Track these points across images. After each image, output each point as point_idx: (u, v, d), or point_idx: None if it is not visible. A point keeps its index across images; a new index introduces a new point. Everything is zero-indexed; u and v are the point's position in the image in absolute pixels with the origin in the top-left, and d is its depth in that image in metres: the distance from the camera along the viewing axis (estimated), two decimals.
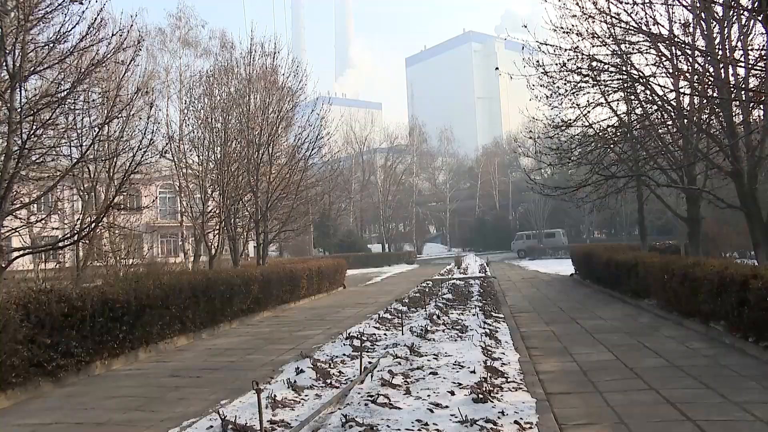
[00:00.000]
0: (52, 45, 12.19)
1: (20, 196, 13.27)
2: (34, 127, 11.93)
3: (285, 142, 30.50)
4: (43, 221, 15.30)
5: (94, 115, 18.28)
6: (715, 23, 15.45)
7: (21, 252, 13.28)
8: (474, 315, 15.69)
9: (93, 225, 14.20)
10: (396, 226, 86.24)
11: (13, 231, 13.43)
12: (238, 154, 26.53)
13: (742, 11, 13.95)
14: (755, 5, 10.17)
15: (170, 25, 40.38)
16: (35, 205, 14.82)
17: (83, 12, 12.28)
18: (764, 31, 13.68)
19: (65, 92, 12.70)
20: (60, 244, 14.05)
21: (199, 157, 27.94)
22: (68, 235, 14.13)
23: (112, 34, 14.15)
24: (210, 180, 27.35)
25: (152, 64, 36.93)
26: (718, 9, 14.85)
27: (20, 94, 11.96)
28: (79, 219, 19.91)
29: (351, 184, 76.92)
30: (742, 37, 15.21)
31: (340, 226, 72.74)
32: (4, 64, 11.49)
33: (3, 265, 12.20)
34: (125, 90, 19.91)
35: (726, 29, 15.29)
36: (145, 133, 15.29)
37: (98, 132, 15.51)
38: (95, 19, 13.01)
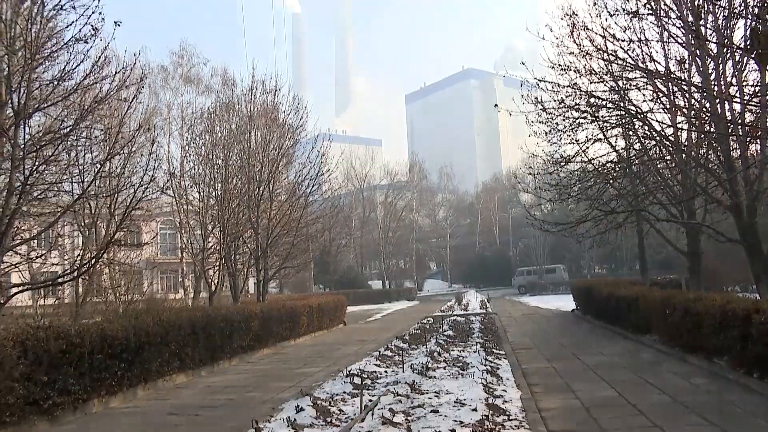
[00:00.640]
0: (56, 83, 12.34)
1: (21, 231, 13.29)
2: (37, 163, 12.00)
3: (285, 179, 30.65)
4: (43, 257, 15.29)
5: (95, 152, 18.46)
6: (710, 60, 15.64)
7: (20, 288, 13.24)
8: (475, 352, 15.55)
9: (93, 261, 14.20)
10: (396, 263, 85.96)
11: (13, 267, 13.42)
12: (238, 190, 26.62)
13: (735, 49, 14.16)
14: (747, 44, 10.32)
15: (173, 62, 40.81)
16: (35, 241, 14.83)
17: (88, 50, 12.46)
18: (757, 68, 13.88)
19: (68, 129, 12.81)
20: (60, 280, 14.01)
21: (199, 193, 28.04)
22: (68, 271, 14.10)
23: (116, 72, 14.29)
24: (210, 216, 27.40)
25: (154, 101, 37.22)
26: (713, 46, 15.07)
27: (24, 130, 12.08)
28: (79, 255, 19.89)
29: (351, 220, 76.92)
30: (736, 74, 15.39)
31: (340, 263, 72.56)
32: (10, 101, 11.60)
33: (2, 301, 12.15)
34: (127, 127, 20.04)
35: (721, 65, 15.49)
36: (146, 170, 15.40)
37: (100, 168, 15.59)
38: (99, 57, 13.16)
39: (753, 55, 10.09)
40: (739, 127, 14.80)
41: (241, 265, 27.46)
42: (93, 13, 12.03)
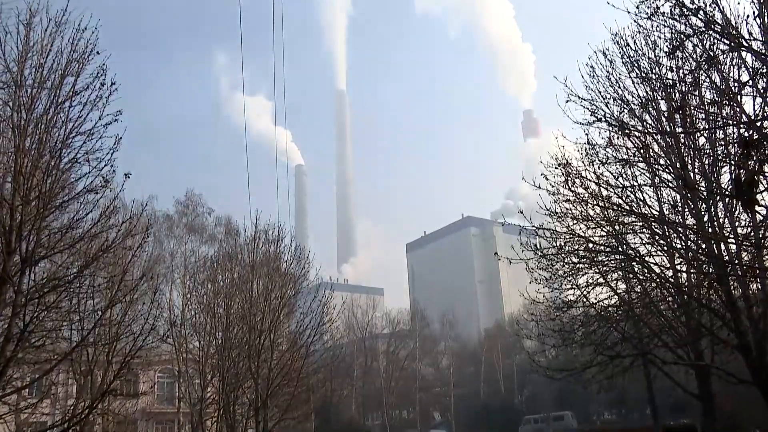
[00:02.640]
0: (65, 231, 12.63)
1: (13, 380, 13.00)
2: (38, 309, 12.00)
3: (287, 329, 30.45)
4: (34, 406, 14.81)
5: (97, 298, 18.45)
6: (701, 202, 16.07)
7: None
8: None
9: (87, 412, 13.76)
10: (399, 413, 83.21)
11: None
12: (239, 339, 26.41)
13: (723, 193, 14.61)
14: (733, 190, 10.74)
15: (178, 211, 41.69)
16: (26, 389, 14.45)
17: (97, 200, 12.91)
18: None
19: (72, 276, 12.93)
20: None
21: (200, 342, 27.80)
22: (59, 422, 13.63)
23: (122, 222, 14.64)
24: (210, 365, 26.99)
25: (158, 249, 37.73)
26: (703, 188, 15.56)
27: (28, 277, 12.19)
28: (72, 405, 19.31)
29: (353, 370, 75.37)
30: (728, 215, 15.73)
31: (342, 414, 70.19)
32: (18, 249, 11.82)
33: None
34: (130, 274, 20.21)
35: (712, 208, 15.88)
36: (147, 318, 15.35)
37: (101, 316, 15.54)
38: (108, 207, 13.58)
39: (740, 202, 10.49)
40: (737, 267, 14.94)
41: (240, 416, 26.66)
42: (105, 165, 12.65)
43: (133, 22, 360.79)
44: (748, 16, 11.10)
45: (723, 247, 15.74)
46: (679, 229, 16.43)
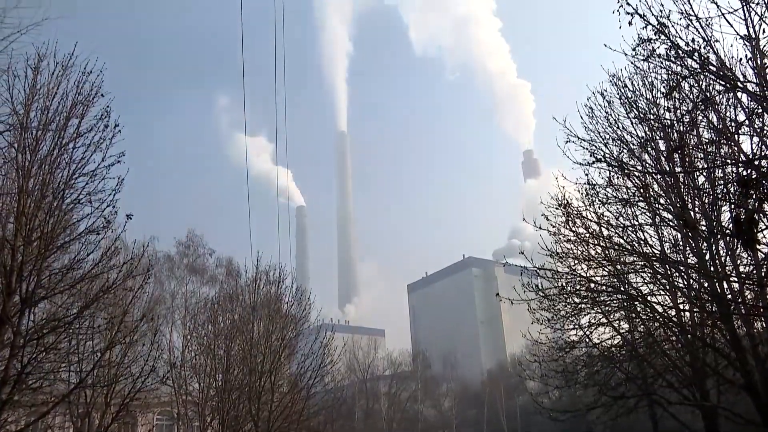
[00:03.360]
0: (65, 272, 12.63)
1: (7, 423, 12.83)
2: (37, 351, 11.92)
3: (287, 370, 30.16)
4: None
5: (97, 339, 18.32)
6: (702, 241, 16.06)
7: None
8: None
9: None
10: None
11: None
12: (239, 381, 26.13)
13: (724, 232, 14.62)
14: (733, 229, 10.78)
15: (179, 252, 41.74)
16: None
17: (99, 241, 12.94)
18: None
19: (72, 317, 12.88)
20: None
21: (200, 384, 27.50)
22: None
23: (123, 263, 14.66)
24: (210, 408, 26.66)
25: (159, 290, 37.64)
26: (703, 228, 15.57)
27: (27, 318, 12.14)
28: None
29: (354, 412, 74.33)
30: (729, 253, 15.71)
31: None
32: (19, 290, 11.79)
33: None
34: (130, 315, 20.10)
35: (713, 246, 15.85)
36: (147, 359, 15.25)
37: (100, 357, 15.42)
38: (109, 247, 13.60)
39: (741, 241, 10.51)
40: (740, 305, 14.85)
41: None
42: (108, 206, 12.73)
43: (137, 63, 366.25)
44: (741, 59, 11.29)
45: (726, 286, 15.66)
46: (681, 268, 16.39)
